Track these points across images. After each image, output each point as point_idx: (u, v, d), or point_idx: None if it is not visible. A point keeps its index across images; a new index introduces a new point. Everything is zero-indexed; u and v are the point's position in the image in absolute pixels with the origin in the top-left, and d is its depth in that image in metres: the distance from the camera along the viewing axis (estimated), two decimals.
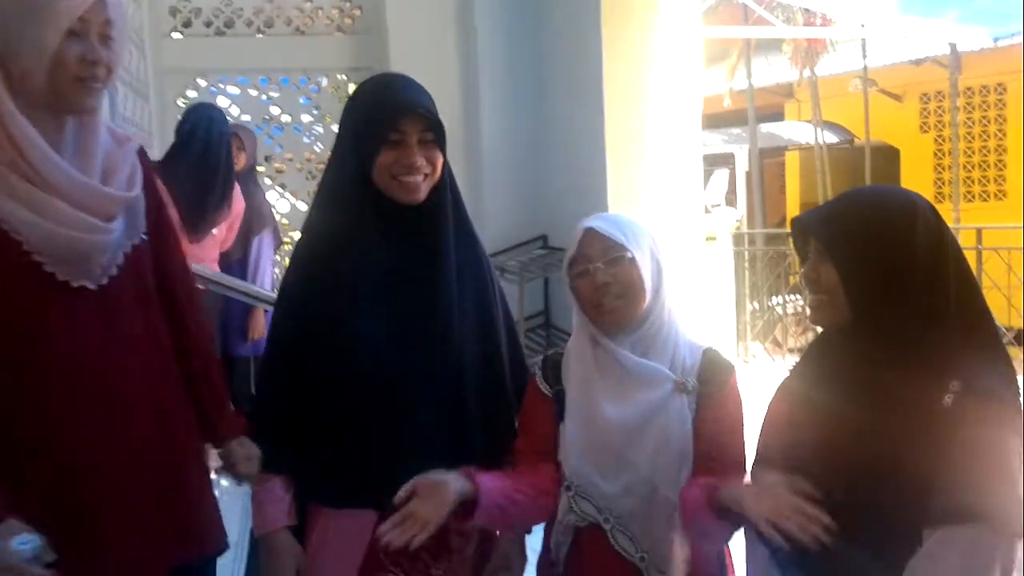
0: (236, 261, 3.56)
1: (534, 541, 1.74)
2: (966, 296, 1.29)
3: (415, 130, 1.57)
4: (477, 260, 1.73)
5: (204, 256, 3.21)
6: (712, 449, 1.55)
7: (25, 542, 1.28)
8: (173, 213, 1.82)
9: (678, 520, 1.52)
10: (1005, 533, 1.17)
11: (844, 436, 1.27)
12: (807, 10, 10.57)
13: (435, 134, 1.58)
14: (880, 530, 1.24)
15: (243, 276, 3.55)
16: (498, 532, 1.73)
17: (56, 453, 1.41)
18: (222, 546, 1.66)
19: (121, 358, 1.48)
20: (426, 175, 1.58)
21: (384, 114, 1.58)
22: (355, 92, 1.72)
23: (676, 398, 1.56)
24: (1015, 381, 1.25)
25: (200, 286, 1.81)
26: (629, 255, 1.57)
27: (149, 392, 1.53)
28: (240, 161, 3.52)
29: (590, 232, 1.59)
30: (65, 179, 1.41)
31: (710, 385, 1.59)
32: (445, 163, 1.64)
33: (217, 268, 3.33)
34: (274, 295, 2.23)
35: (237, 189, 3.37)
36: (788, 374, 1.50)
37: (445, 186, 1.63)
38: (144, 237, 1.54)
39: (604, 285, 1.56)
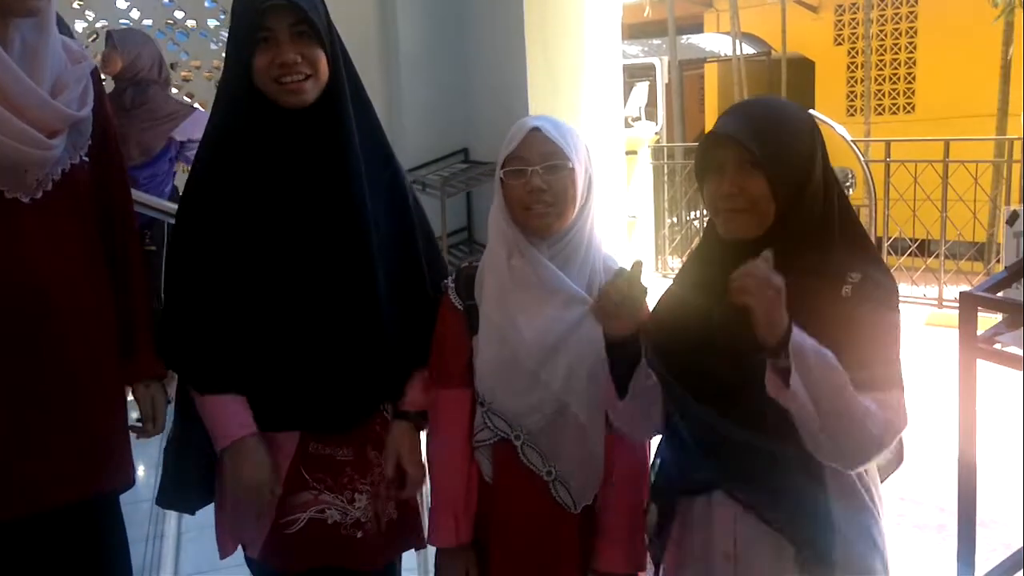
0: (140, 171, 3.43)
1: None
2: (847, 210, 1.40)
3: (284, 25, 1.48)
4: (387, 169, 1.66)
5: None
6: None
7: None
8: None
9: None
10: (900, 400, 1.31)
11: (737, 329, 1.30)
12: None
13: (310, 27, 1.49)
14: (763, 414, 1.29)
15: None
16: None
17: None
18: (130, 483, 1.63)
19: (50, 273, 1.42)
20: (308, 75, 1.50)
21: (250, 10, 1.49)
22: None
23: (589, 320, 1.55)
24: (895, 281, 1.39)
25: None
26: (569, 164, 1.54)
27: (76, 312, 1.47)
28: (114, 65, 3.34)
29: (534, 133, 1.54)
30: (15, 87, 1.34)
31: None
32: (342, 66, 1.55)
33: None
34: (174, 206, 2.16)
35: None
36: (676, 278, 1.54)
37: (340, 88, 1.55)
38: (85, 159, 1.47)
39: (538, 190, 1.53)
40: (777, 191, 1.33)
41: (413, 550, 1.80)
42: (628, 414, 1.50)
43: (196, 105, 4.36)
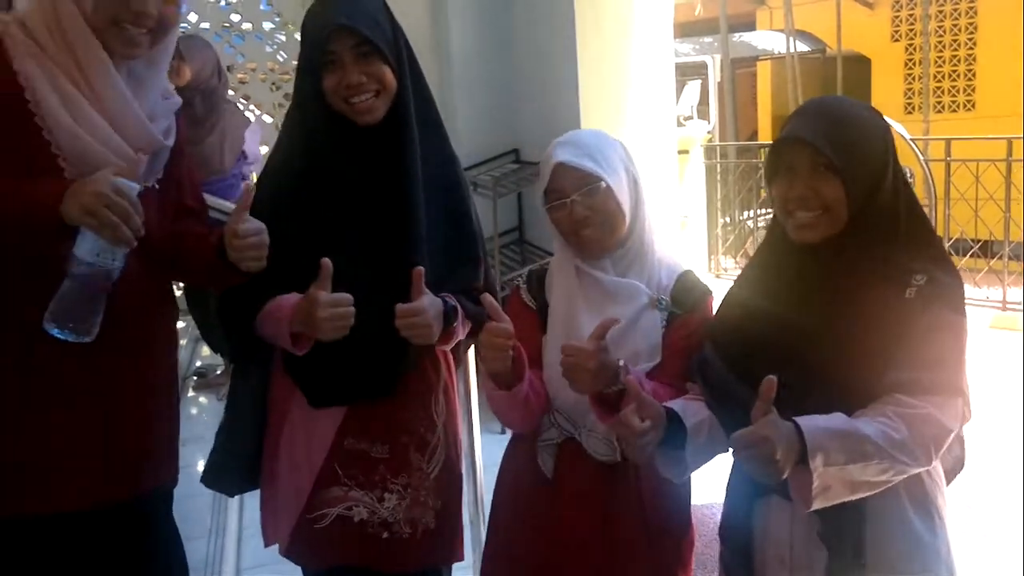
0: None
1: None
2: (915, 209, 1.38)
3: (347, 47, 1.52)
4: (450, 177, 1.69)
5: None
6: (668, 360, 1.57)
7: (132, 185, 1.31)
8: None
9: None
10: (956, 407, 1.27)
11: (802, 330, 1.31)
12: None
13: (372, 47, 1.52)
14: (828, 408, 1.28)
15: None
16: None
17: (35, 354, 1.41)
18: (176, 479, 1.66)
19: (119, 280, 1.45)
20: (376, 91, 1.54)
21: (315, 36, 1.54)
22: (305, 14, 1.66)
23: (649, 313, 1.58)
24: (962, 282, 1.36)
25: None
26: (604, 184, 1.54)
27: (135, 313, 1.51)
28: (183, 75, 3.38)
29: (560, 166, 1.55)
30: (120, 105, 1.42)
31: (682, 306, 1.59)
32: (407, 73, 1.58)
33: None
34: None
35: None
36: (739, 279, 1.52)
37: (406, 100, 1.59)
38: (155, 186, 1.53)
39: (581, 218, 1.55)
40: (851, 194, 1.31)
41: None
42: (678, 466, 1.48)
43: (251, 109, 4.43)
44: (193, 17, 4.27)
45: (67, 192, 1.28)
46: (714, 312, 1.57)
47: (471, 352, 2.00)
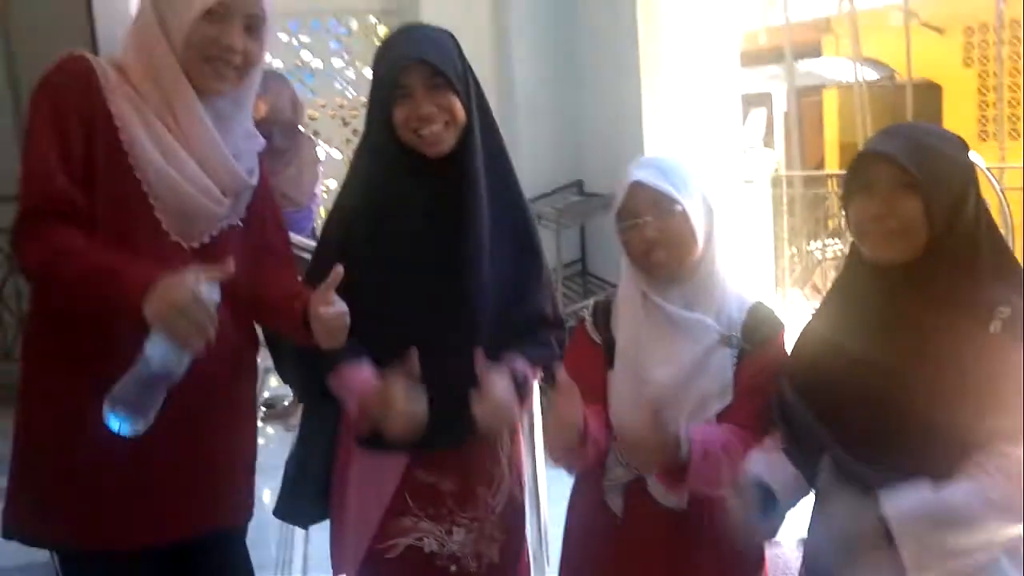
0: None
1: None
2: (997, 238, 1.35)
3: (419, 79, 1.55)
4: (515, 209, 1.71)
5: None
6: (741, 400, 1.53)
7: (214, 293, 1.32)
8: None
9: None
10: None
11: (886, 368, 1.26)
12: None
13: (444, 79, 1.55)
14: (919, 458, 1.24)
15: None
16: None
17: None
18: (251, 516, 1.68)
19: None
20: (446, 123, 1.56)
21: (388, 69, 1.57)
22: (378, 48, 1.71)
23: (719, 352, 1.53)
24: None
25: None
26: (679, 207, 1.52)
27: (220, 351, 1.51)
28: (258, 110, 3.47)
29: (636, 185, 1.54)
30: (207, 143, 1.47)
31: (754, 341, 1.55)
32: (475, 106, 1.61)
33: None
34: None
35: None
36: (816, 312, 1.49)
37: (473, 132, 1.60)
38: (239, 224, 1.58)
39: (653, 240, 1.52)
40: (932, 214, 1.28)
41: None
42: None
43: (321, 144, 4.52)
44: (267, 55, 4.41)
45: (151, 291, 1.29)
46: (788, 347, 1.53)
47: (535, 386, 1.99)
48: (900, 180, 1.29)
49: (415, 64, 1.54)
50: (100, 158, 1.41)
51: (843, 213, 1.42)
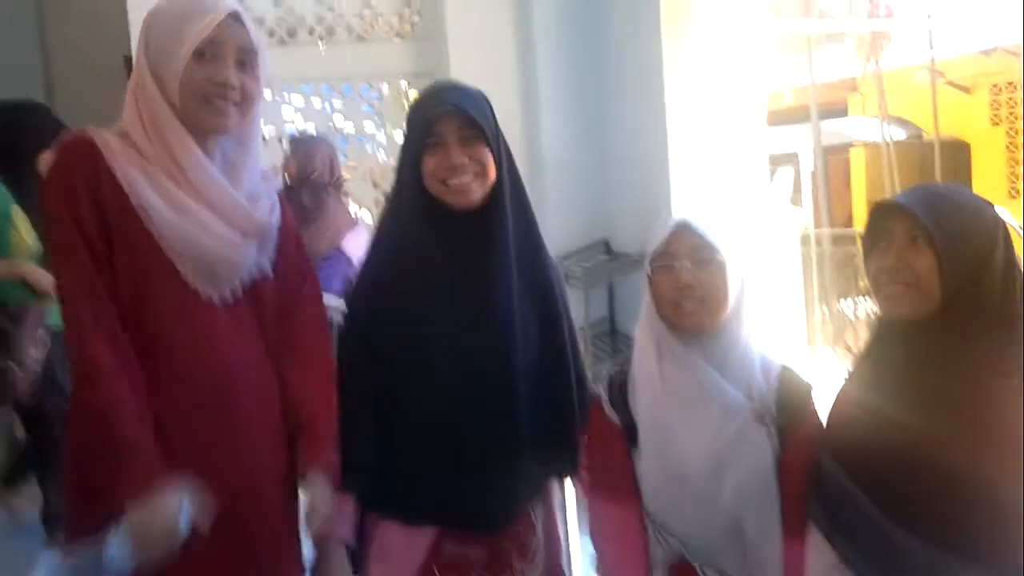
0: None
1: None
2: None
3: (452, 129, 1.55)
4: (541, 266, 1.69)
5: None
6: (794, 483, 1.47)
7: (185, 508, 1.37)
8: None
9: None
10: None
11: (919, 432, 1.24)
12: (870, 1, 10.30)
13: (478, 131, 1.55)
14: (966, 523, 1.20)
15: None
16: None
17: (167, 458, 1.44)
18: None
19: (237, 370, 1.51)
20: (476, 174, 1.55)
21: (421, 118, 1.58)
22: (411, 105, 1.72)
23: (755, 430, 1.47)
24: None
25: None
26: (720, 259, 1.49)
27: (262, 415, 1.55)
28: (288, 168, 3.54)
29: (683, 228, 1.50)
30: (215, 189, 1.48)
31: (790, 414, 1.49)
32: (504, 163, 1.60)
33: None
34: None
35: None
36: (848, 377, 1.45)
37: (503, 186, 1.59)
38: (270, 273, 1.58)
39: (687, 286, 1.48)
40: (945, 270, 1.26)
41: None
42: None
43: (361, 215, 4.58)
44: (300, 120, 4.51)
45: (140, 502, 1.34)
46: (823, 411, 1.49)
47: None
48: (915, 234, 1.28)
49: (450, 114, 1.55)
50: (117, 228, 1.43)
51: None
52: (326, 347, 1.68)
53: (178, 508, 1.35)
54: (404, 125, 1.68)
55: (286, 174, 3.53)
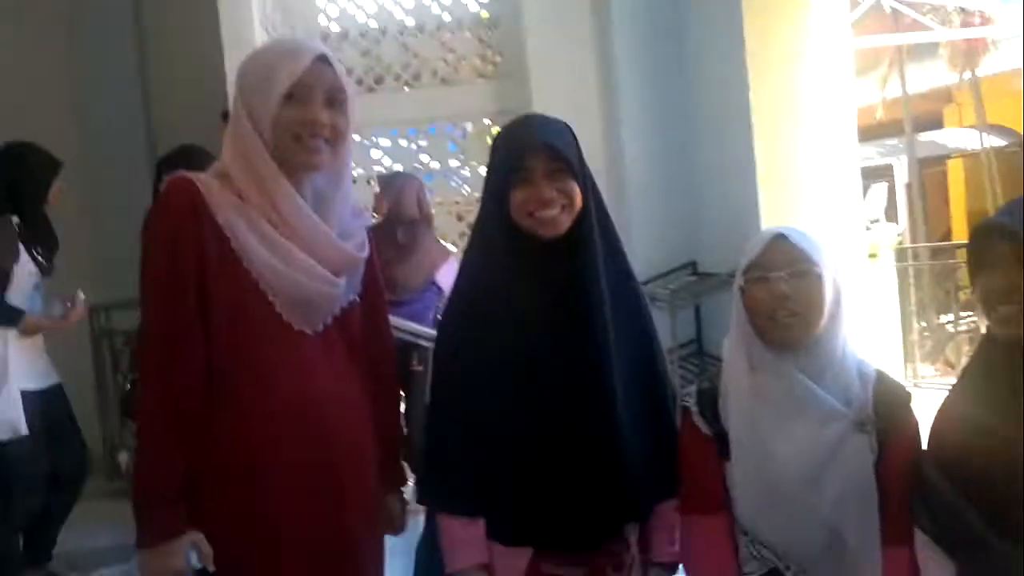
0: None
1: None
2: None
3: (540, 163, 1.57)
4: (630, 292, 1.70)
5: None
6: (895, 491, 1.44)
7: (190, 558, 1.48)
8: None
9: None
10: None
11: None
12: (963, 9, 9.99)
13: (565, 164, 1.58)
14: None
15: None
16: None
17: (259, 483, 1.52)
18: None
19: (331, 400, 1.58)
20: (564, 206, 1.57)
21: (509, 153, 1.60)
22: (495, 137, 1.75)
23: (854, 437, 1.44)
24: None
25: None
26: (817, 271, 1.48)
27: (354, 441, 1.61)
28: (380, 208, 3.66)
29: (779, 239, 1.50)
30: (310, 230, 1.55)
31: (889, 420, 1.46)
32: (591, 193, 1.63)
33: None
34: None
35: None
36: (953, 391, 1.41)
37: (589, 216, 1.61)
38: (358, 298, 1.66)
39: (783, 296, 1.46)
40: None
41: None
42: None
43: (451, 247, 4.70)
44: (387, 161, 4.67)
45: (149, 549, 1.46)
46: (919, 418, 1.47)
47: None
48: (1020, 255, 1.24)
49: (537, 148, 1.57)
50: (217, 268, 1.50)
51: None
52: (395, 372, 1.81)
53: (185, 558, 1.46)
54: (489, 158, 1.71)
55: (376, 211, 3.66)
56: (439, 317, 2.81)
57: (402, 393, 2.05)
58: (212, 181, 1.54)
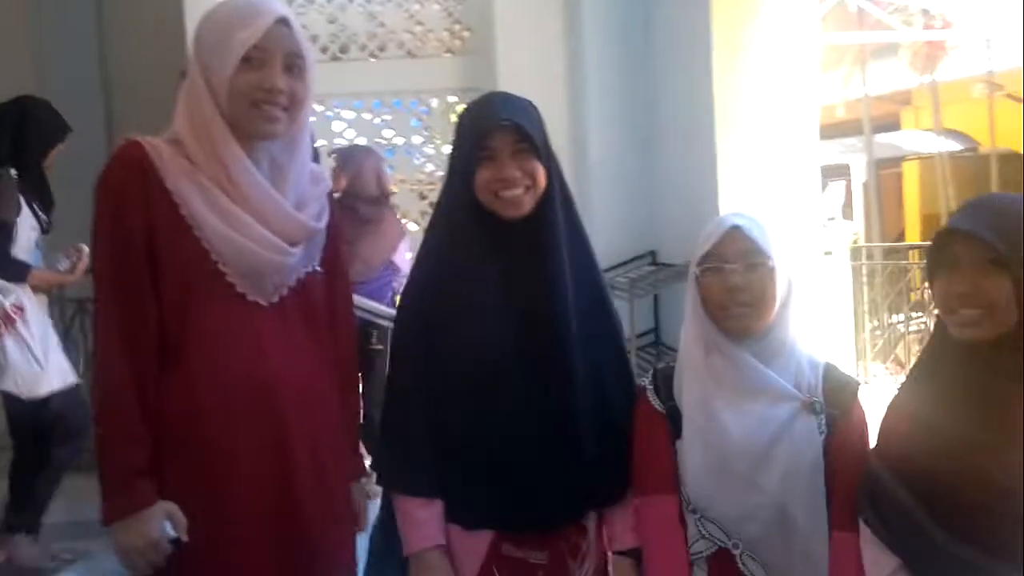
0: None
1: None
2: None
3: (506, 143, 1.56)
4: (592, 274, 1.70)
5: None
6: (843, 474, 1.48)
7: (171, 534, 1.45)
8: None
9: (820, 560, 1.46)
10: None
11: (976, 445, 1.22)
12: (926, 11, 10.13)
13: (530, 144, 1.57)
14: (1013, 539, 1.19)
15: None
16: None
17: (207, 457, 1.49)
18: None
19: (284, 373, 1.54)
20: (527, 187, 1.57)
21: (474, 131, 1.59)
22: (460, 115, 1.73)
23: (803, 418, 1.49)
24: None
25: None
26: (770, 264, 1.50)
27: (307, 416, 1.57)
28: (338, 183, 3.60)
29: (735, 231, 1.52)
30: (262, 198, 1.51)
31: (838, 406, 1.51)
32: (555, 174, 1.62)
33: None
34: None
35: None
36: (903, 389, 1.43)
37: (553, 198, 1.61)
38: (318, 268, 1.62)
39: (736, 289, 1.49)
40: (1021, 292, 1.23)
41: None
42: None
43: (412, 226, 4.65)
44: (350, 133, 4.59)
45: (121, 522, 1.43)
46: (872, 421, 1.48)
47: None
48: (986, 257, 1.25)
49: (503, 127, 1.56)
50: (166, 236, 1.47)
51: (927, 287, 1.39)
52: (353, 347, 1.78)
53: (157, 526, 1.43)
54: (454, 136, 1.69)
55: (334, 187, 3.61)
56: (396, 296, 2.78)
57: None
58: (163, 146, 1.50)
